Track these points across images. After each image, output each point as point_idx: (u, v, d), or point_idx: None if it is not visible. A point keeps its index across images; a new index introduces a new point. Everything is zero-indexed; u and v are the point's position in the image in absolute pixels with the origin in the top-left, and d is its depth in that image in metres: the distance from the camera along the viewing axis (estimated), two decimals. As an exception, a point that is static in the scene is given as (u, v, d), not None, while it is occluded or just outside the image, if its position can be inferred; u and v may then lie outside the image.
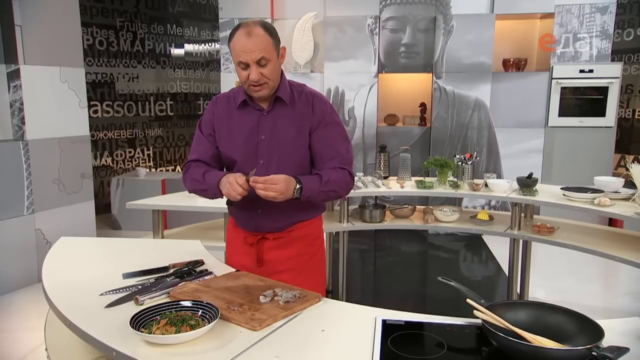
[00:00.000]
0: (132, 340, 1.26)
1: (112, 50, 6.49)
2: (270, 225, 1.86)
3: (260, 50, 1.63)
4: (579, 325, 1.25)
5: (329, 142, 1.80)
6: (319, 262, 1.98)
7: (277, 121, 1.78)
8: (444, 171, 3.49)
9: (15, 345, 3.09)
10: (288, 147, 1.78)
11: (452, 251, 5.30)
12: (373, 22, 5.41)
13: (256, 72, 1.65)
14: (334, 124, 1.82)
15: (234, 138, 1.81)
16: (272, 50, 1.67)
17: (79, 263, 1.87)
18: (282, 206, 1.74)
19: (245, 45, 1.63)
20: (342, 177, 1.78)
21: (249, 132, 1.79)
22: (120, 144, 6.73)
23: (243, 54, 1.64)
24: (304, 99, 1.80)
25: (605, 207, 2.89)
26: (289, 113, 1.78)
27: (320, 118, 1.79)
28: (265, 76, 1.68)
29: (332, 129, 1.81)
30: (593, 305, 3.79)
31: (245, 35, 1.63)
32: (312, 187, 1.71)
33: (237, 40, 1.65)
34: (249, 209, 1.85)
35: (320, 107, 1.80)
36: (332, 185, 1.74)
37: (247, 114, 1.81)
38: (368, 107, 5.50)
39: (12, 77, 3.96)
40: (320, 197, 1.76)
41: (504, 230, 3.36)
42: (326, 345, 1.28)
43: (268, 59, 1.66)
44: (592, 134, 5.28)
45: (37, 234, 4.11)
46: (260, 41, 1.63)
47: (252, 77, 1.66)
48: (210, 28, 7.43)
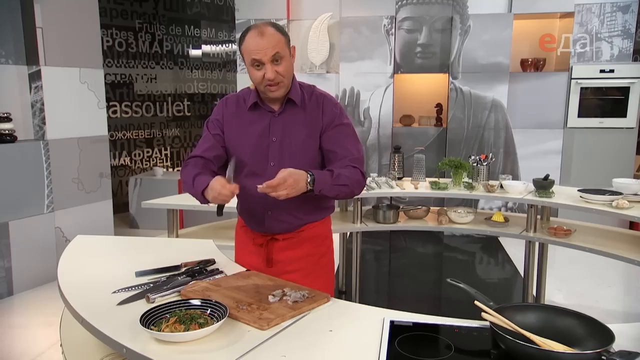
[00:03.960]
0: (143, 338, 1.28)
1: (131, 52, 6.58)
2: (280, 226, 1.86)
3: (274, 46, 1.65)
4: (589, 329, 1.23)
5: (339, 142, 1.80)
6: (327, 262, 1.98)
7: (289, 123, 1.79)
8: (458, 172, 3.47)
9: (34, 341, 3.16)
10: (299, 149, 1.78)
11: (467, 253, 5.25)
12: (389, 22, 5.39)
13: (272, 70, 1.67)
14: (344, 125, 1.82)
15: (244, 139, 1.82)
16: (285, 47, 1.69)
17: (94, 261, 1.90)
18: (291, 207, 1.74)
19: (259, 43, 1.64)
20: (354, 174, 1.75)
21: (260, 134, 1.80)
22: (139, 144, 6.82)
23: (257, 53, 1.65)
24: (314, 100, 1.81)
25: (624, 210, 2.84)
26: (300, 115, 1.79)
27: (331, 119, 1.79)
28: (280, 74, 1.69)
29: (342, 130, 1.81)
30: (612, 309, 3.73)
31: (258, 34, 1.65)
32: (324, 179, 1.68)
33: (250, 40, 1.66)
34: (259, 211, 1.86)
35: (331, 108, 1.81)
36: (344, 180, 1.71)
37: (258, 116, 1.81)
38: (383, 108, 5.48)
39: (34, 78, 4.05)
40: (333, 192, 1.71)
41: (519, 232, 3.32)
42: (333, 346, 1.28)
43: (282, 56, 1.68)
44: (613, 135, 5.19)
45: (57, 232, 4.19)
46: (273, 38, 1.66)
47: (268, 75, 1.66)
48: (227, 29, 7.48)
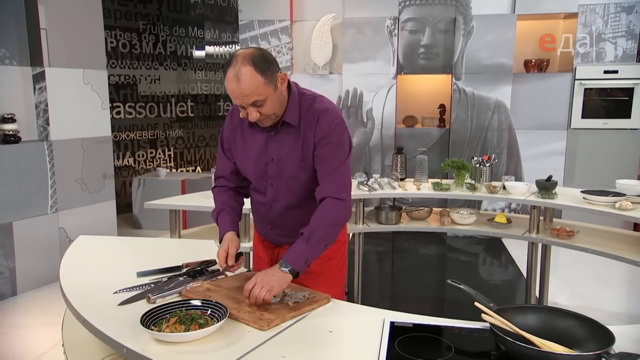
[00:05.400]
0: (143, 338, 1.28)
1: (135, 53, 6.61)
2: (284, 240, 1.87)
3: (251, 94, 1.53)
4: (589, 331, 1.23)
5: (325, 164, 1.69)
6: (336, 265, 1.95)
7: (285, 143, 1.72)
8: (460, 173, 3.46)
9: (37, 341, 3.17)
10: (295, 168, 1.73)
11: (471, 254, 5.24)
12: (392, 23, 5.39)
13: (254, 112, 1.58)
14: (333, 144, 1.69)
15: (246, 156, 1.80)
16: (265, 88, 1.54)
17: (96, 261, 1.91)
18: (295, 225, 1.70)
19: (234, 90, 1.53)
20: (324, 212, 1.65)
21: (258, 153, 1.76)
22: (142, 145, 6.84)
23: (236, 98, 1.56)
24: (310, 117, 1.69)
25: (627, 211, 2.83)
26: (296, 134, 1.71)
27: (320, 138, 1.68)
28: (265, 114, 1.60)
29: (329, 150, 1.69)
30: (615, 311, 3.71)
31: (233, 79, 1.52)
32: (297, 251, 1.58)
33: (228, 82, 1.55)
34: (264, 226, 1.91)
35: (323, 126, 1.68)
36: (319, 233, 1.61)
37: (256, 133, 1.76)
38: (386, 109, 5.48)
39: (38, 79, 4.07)
40: (319, 249, 1.63)
41: (522, 233, 3.31)
42: (333, 346, 1.29)
43: (263, 99, 1.56)
44: (617, 136, 5.17)
45: (60, 232, 4.21)
46: (249, 84, 1.51)
47: (251, 117, 1.58)
48: (231, 30, 7.50)
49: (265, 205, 1.83)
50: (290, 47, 5.68)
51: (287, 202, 1.79)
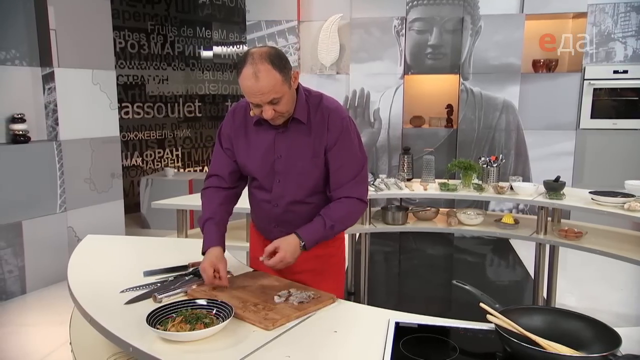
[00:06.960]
0: (149, 337, 1.29)
1: (143, 53, 6.64)
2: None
3: (269, 91, 1.53)
4: (596, 332, 1.22)
5: (341, 164, 1.73)
6: (337, 263, 1.97)
7: (294, 140, 1.72)
8: (468, 174, 3.45)
9: (45, 339, 3.20)
10: (304, 165, 1.73)
11: (478, 255, 5.22)
12: (399, 23, 5.38)
13: (269, 110, 1.58)
14: (348, 142, 1.74)
15: (251, 154, 1.79)
16: (282, 86, 1.55)
17: (103, 260, 1.92)
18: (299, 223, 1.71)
19: (253, 87, 1.52)
20: (349, 210, 1.74)
21: (265, 150, 1.75)
22: (150, 145, 6.88)
23: (253, 97, 1.56)
24: (320, 115, 1.71)
25: (636, 212, 2.80)
26: (306, 132, 1.72)
27: (335, 137, 1.71)
28: (279, 112, 1.61)
29: (345, 150, 1.74)
30: (623, 312, 3.68)
31: (252, 76, 1.51)
32: (316, 236, 1.68)
33: (245, 80, 1.54)
34: (266, 224, 1.88)
35: (335, 124, 1.71)
36: (338, 227, 1.73)
37: (263, 131, 1.76)
38: (394, 109, 5.47)
39: (47, 79, 4.10)
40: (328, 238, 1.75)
41: (529, 234, 3.29)
42: (337, 346, 1.29)
43: (280, 97, 1.57)
44: (627, 136, 5.13)
45: (69, 232, 4.24)
46: (268, 82, 1.52)
47: (266, 115, 1.59)
48: (239, 30, 7.52)
49: (270, 203, 1.81)
50: (298, 47, 5.68)
51: (294, 197, 1.78)
